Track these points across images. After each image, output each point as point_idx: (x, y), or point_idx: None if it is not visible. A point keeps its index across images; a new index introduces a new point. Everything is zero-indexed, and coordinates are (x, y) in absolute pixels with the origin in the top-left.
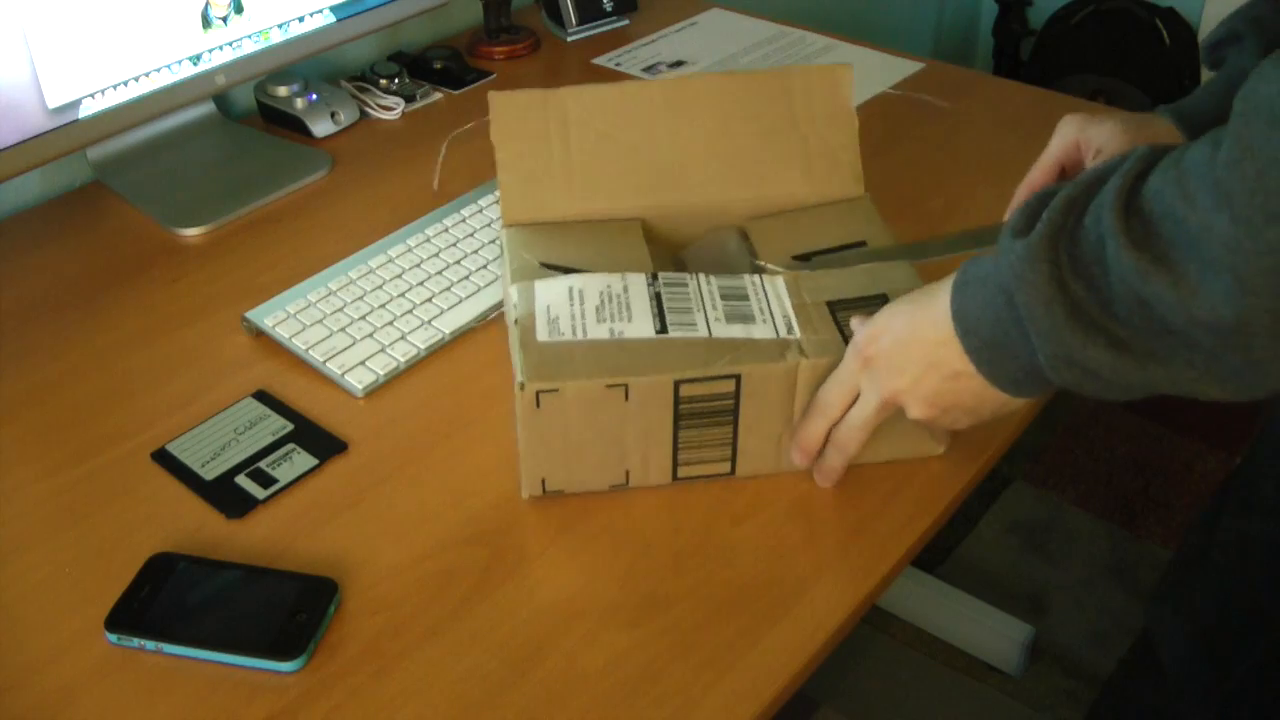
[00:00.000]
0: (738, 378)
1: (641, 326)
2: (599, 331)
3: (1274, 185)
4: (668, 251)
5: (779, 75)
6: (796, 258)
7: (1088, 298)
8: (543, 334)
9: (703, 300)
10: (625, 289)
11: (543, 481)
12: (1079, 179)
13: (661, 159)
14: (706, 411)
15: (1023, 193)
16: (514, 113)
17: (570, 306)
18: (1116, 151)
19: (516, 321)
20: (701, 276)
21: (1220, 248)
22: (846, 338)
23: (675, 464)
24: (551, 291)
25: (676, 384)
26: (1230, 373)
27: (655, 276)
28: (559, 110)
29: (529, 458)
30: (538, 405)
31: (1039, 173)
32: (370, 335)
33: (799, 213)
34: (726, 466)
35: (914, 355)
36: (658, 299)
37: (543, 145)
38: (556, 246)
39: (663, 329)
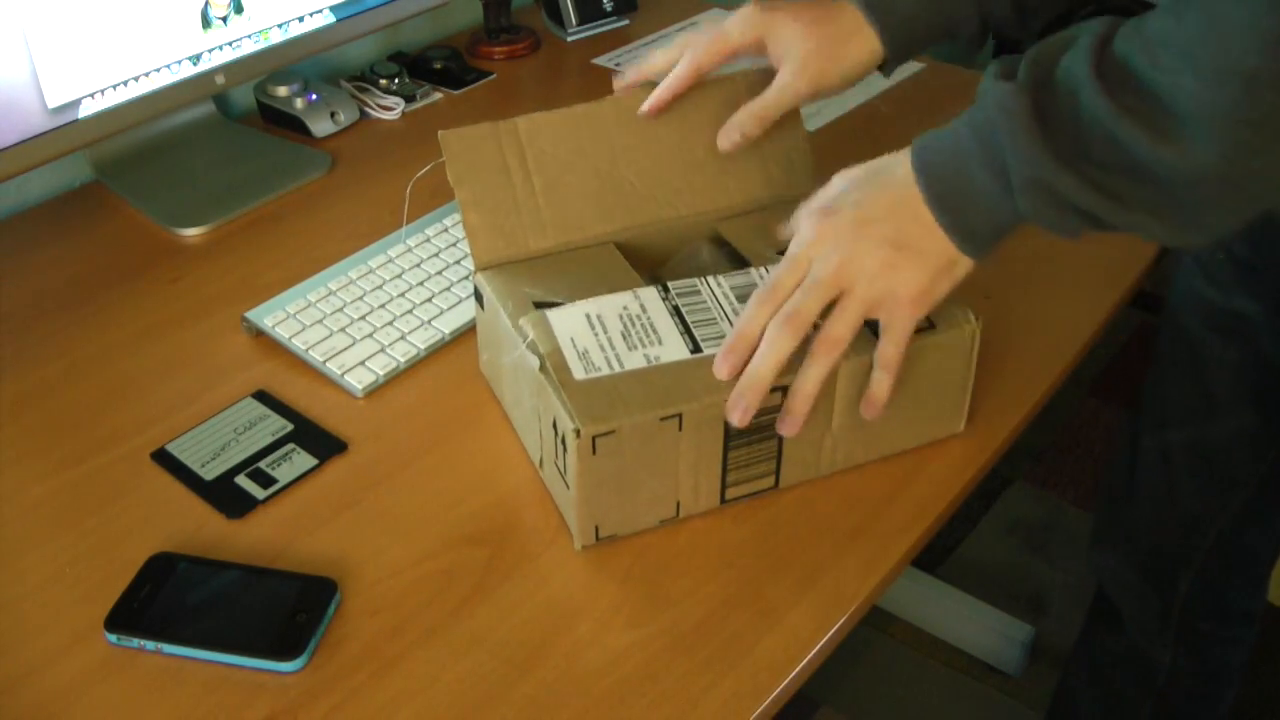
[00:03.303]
0: (784, 388)
1: (674, 348)
2: (634, 360)
3: (1236, 49)
4: (643, 271)
5: (723, 83)
6: (781, 254)
7: (1063, 137)
8: (579, 371)
9: (720, 306)
10: (643, 308)
11: (596, 529)
12: (1040, 46)
13: (624, 178)
14: (755, 428)
15: (686, 70)
16: (468, 149)
17: (595, 336)
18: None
19: (543, 359)
20: (710, 278)
21: (1189, 102)
22: (870, 326)
23: (724, 486)
24: (569, 322)
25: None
26: (1182, 216)
27: (666, 288)
28: (513, 141)
29: (585, 506)
30: (594, 451)
31: (708, 55)
32: (370, 335)
33: (765, 212)
34: (771, 481)
35: (872, 212)
36: (678, 312)
37: (503, 179)
38: (542, 284)
39: (696, 348)
